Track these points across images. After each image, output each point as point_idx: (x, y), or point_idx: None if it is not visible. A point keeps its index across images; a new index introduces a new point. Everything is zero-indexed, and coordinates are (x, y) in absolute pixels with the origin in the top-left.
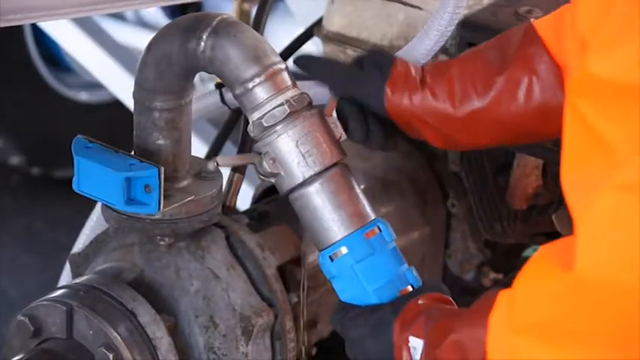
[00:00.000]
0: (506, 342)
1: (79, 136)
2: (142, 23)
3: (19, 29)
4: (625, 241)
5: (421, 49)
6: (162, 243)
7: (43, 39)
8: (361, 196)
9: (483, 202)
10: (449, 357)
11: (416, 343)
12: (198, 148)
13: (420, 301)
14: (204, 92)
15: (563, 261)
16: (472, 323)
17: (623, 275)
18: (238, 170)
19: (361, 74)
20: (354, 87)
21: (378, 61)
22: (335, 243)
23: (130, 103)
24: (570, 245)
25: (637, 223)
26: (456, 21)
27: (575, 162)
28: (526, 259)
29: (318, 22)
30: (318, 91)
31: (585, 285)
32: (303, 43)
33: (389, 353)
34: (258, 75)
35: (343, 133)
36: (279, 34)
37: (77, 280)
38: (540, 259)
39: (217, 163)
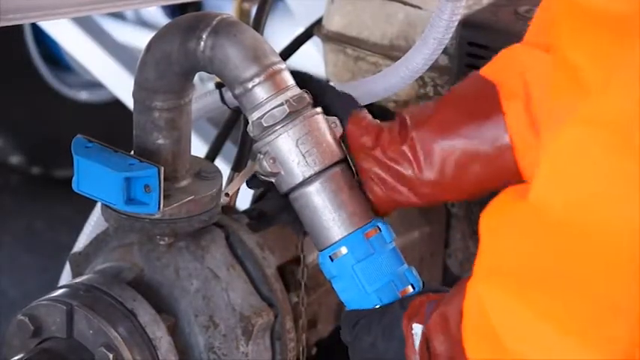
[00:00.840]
0: (473, 294)
1: (78, 135)
2: (142, 23)
3: (19, 28)
4: (581, 177)
5: (419, 58)
6: (162, 243)
7: (42, 38)
8: (361, 195)
9: (483, 202)
10: (434, 328)
11: (417, 329)
12: (198, 148)
13: (425, 296)
14: (203, 92)
15: (520, 195)
16: (455, 292)
17: (574, 210)
18: (238, 170)
19: None
20: None
21: None
22: (335, 243)
23: (129, 102)
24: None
25: (595, 159)
26: (453, 28)
27: (549, 92)
28: None
29: (318, 22)
30: None
31: (537, 213)
32: (303, 43)
33: (401, 349)
34: (257, 75)
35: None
36: (279, 33)
37: (77, 280)
38: (499, 197)
39: (228, 194)
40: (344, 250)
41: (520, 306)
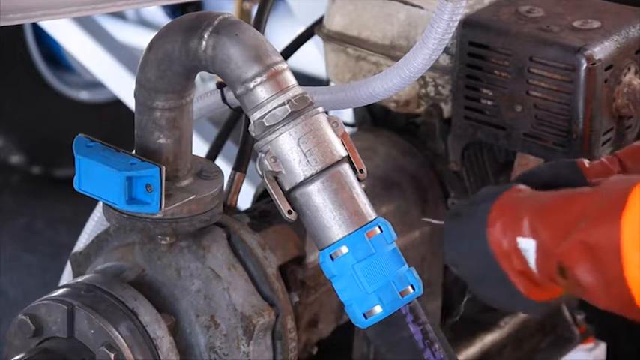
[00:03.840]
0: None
1: (80, 135)
2: (143, 22)
3: (19, 28)
4: None
5: (420, 58)
6: (163, 242)
7: (43, 38)
8: (362, 195)
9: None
10: (577, 259)
11: (526, 245)
12: (199, 148)
13: (512, 194)
14: (205, 91)
15: None
16: (601, 222)
17: None
18: (239, 169)
19: None
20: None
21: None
22: (335, 242)
23: (130, 102)
24: None
25: None
26: (454, 28)
27: None
28: None
29: (319, 22)
30: (324, 99)
31: None
32: (304, 43)
33: (488, 263)
34: (259, 74)
35: (345, 131)
36: (280, 33)
37: (78, 280)
38: None
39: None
40: (344, 249)
41: None
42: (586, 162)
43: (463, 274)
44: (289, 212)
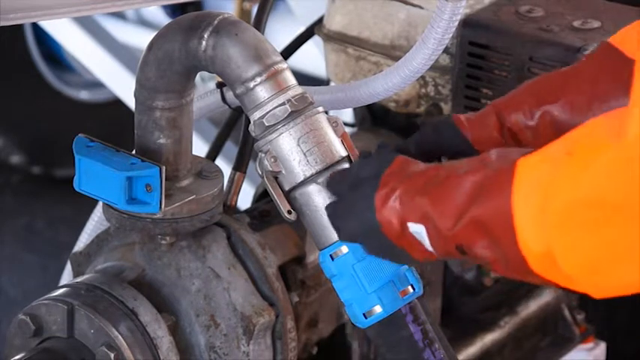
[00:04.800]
0: (544, 227)
1: (80, 135)
2: (143, 22)
3: (19, 28)
4: None
5: (420, 58)
6: (163, 242)
7: (43, 38)
8: None
9: None
10: (473, 238)
11: (417, 229)
12: (199, 148)
13: (395, 171)
14: (205, 91)
15: (612, 132)
16: (491, 199)
17: None
18: (239, 169)
19: None
20: None
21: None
22: (336, 242)
23: (130, 102)
24: (623, 115)
25: None
26: (454, 28)
27: None
28: None
29: (319, 21)
30: (324, 98)
31: (634, 151)
32: (304, 42)
33: (383, 242)
34: (259, 74)
35: (345, 131)
36: (280, 33)
37: (78, 279)
38: (586, 132)
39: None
40: (344, 249)
41: (585, 240)
42: (462, 117)
43: (372, 252)
44: (289, 212)
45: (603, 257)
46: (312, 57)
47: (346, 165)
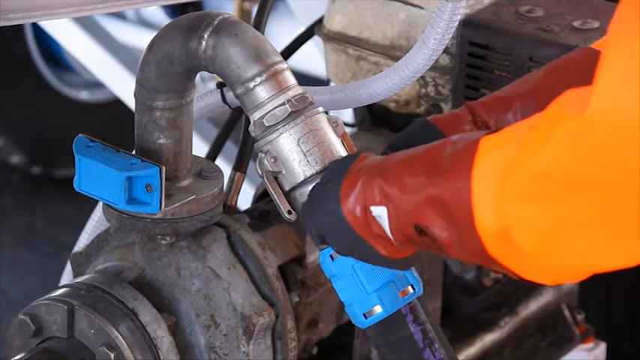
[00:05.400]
0: (502, 204)
1: (80, 135)
2: (143, 22)
3: (19, 28)
4: None
5: (420, 58)
6: (163, 242)
7: (43, 38)
8: None
9: None
10: (432, 216)
11: (379, 212)
12: (199, 148)
13: (359, 164)
14: (205, 91)
15: (575, 106)
16: (450, 178)
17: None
18: (239, 169)
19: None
20: None
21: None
22: None
23: (130, 102)
24: (587, 90)
25: None
26: (454, 28)
27: None
28: None
29: (319, 22)
30: (324, 99)
31: (595, 128)
32: (304, 43)
33: (350, 235)
34: (259, 74)
35: (345, 131)
36: (280, 33)
37: (78, 280)
38: (550, 107)
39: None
40: None
41: (543, 214)
42: (438, 116)
43: (335, 247)
44: (289, 212)
45: (558, 232)
46: (312, 57)
47: None
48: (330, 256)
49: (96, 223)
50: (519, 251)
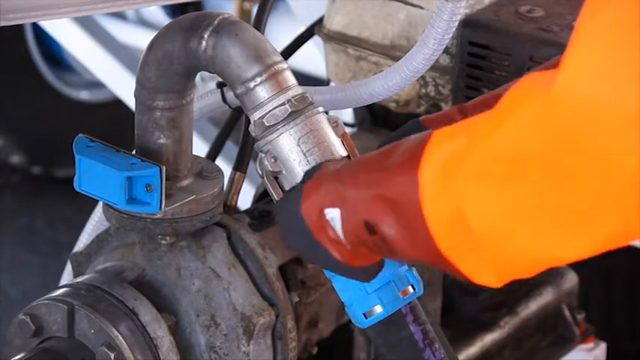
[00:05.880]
0: (455, 190)
1: (80, 135)
2: (143, 22)
3: (19, 28)
4: (619, 58)
5: (420, 58)
6: (163, 242)
7: (43, 38)
8: None
9: None
10: (381, 214)
11: (332, 214)
12: (200, 148)
13: (324, 169)
14: (205, 91)
15: (543, 85)
16: (399, 174)
17: (605, 97)
18: (239, 169)
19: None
20: None
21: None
22: None
23: (130, 102)
24: (554, 71)
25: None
26: (454, 28)
27: None
28: None
29: (319, 22)
30: (324, 98)
31: (560, 106)
32: (304, 43)
33: (309, 239)
34: (259, 74)
35: (345, 131)
36: (280, 33)
37: (78, 279)
38: (512, 88)
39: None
40: None
41: (501, 198)
42: (430, 116)
43: (302, 256)
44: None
45: (516, 214)
46: (312, 57)
47: None
48: None
49: (96, 223)
50: (472, 241)
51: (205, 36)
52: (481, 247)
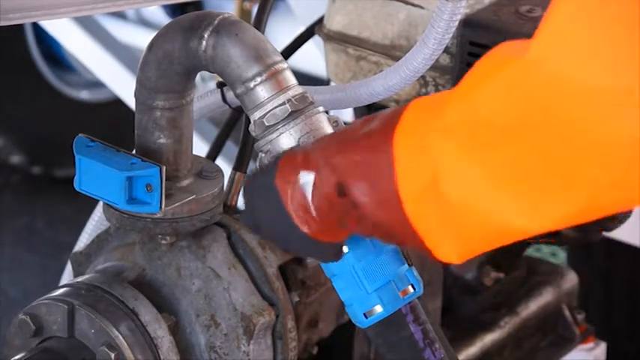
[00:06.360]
0: (420, 144)
1: (80, 135)
2: (143, 22)
3: (20, 28)
4: (593, 31)
5: (420, 58)
6: (163, 242)
7: (44, 37)
8: None
9: None
10: (353, 177)
11: (306, 178)
12: (200, 147)
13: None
14: (205, 91)
15: (517, 53)
16: (374, 138)
17: (576, 68)
18: (240, 169)
19: None
20: None
21: None
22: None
23: (131, 101)
24: (529, 39)
25: (611, 13)
26: (454, 28)
27: None
28: (527, 257)
29: (319, 21)
30: (324, 98)
31: (532, 73)
32: (304, 42)
33: (280, 212)
34: (259, 74)
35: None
36: (280, 33)
37: (78, 279)
38: (488, 56)
39: None
40: (345, 248)
41: (471, 162)
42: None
43: (266, 234)
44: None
45: (490, 180)
46: (312, 57)
47: None
48: None
49: (96, 222)
50: (440, 209)
51: (205, 36)
52: (448, 215)
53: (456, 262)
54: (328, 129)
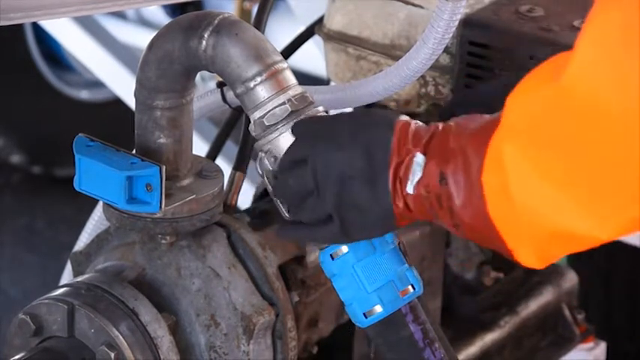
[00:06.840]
0: (497, 149)
1: (80, 134)
2: (143, 22)
3: (20, 28)
4: (625, 59)
5: (420, 58)
6: (163, 242)
7: (44, 37)
8: None
9: None
10: (452, 163)
11: (419, 159)
12: (199, 147)
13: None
14: (205, 91)
15: (556, 72)
16: (478, 133)
17: (608, 93)
18: (239, 169)
19: None
20: None
21: None
22: None
23: (131, 101)
24: (565, 58)
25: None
26: (454, 28)
27: None
28: None
29: (320, 21)
30: (324, 98)
31: (569, 95)
32: (304, 42)
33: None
34: (259, 74)
35: None
36: (280, 33)
37: (78, 279)
38: (535, 72)
39: None
40: (345, 248)
41: (534, 169)
42: None
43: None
44: (289, 211)
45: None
46: (312, 57)
47: None
48: (330, 255)
49: (96, 222)
50: (514, 212)
51: (205, 35)
52: (519, 217)
53: (537, 266)
54: None
